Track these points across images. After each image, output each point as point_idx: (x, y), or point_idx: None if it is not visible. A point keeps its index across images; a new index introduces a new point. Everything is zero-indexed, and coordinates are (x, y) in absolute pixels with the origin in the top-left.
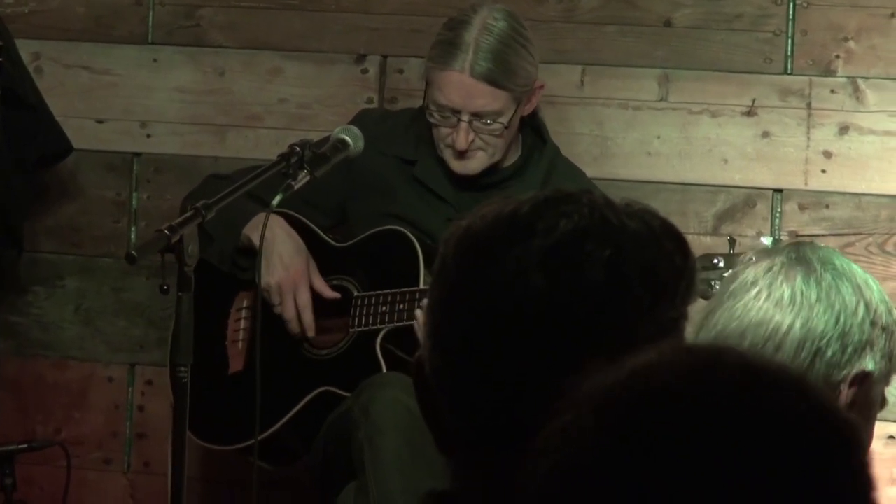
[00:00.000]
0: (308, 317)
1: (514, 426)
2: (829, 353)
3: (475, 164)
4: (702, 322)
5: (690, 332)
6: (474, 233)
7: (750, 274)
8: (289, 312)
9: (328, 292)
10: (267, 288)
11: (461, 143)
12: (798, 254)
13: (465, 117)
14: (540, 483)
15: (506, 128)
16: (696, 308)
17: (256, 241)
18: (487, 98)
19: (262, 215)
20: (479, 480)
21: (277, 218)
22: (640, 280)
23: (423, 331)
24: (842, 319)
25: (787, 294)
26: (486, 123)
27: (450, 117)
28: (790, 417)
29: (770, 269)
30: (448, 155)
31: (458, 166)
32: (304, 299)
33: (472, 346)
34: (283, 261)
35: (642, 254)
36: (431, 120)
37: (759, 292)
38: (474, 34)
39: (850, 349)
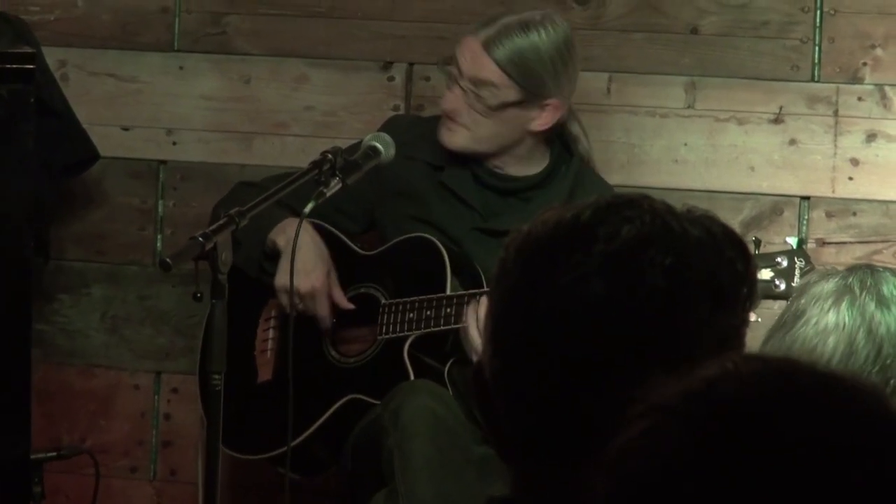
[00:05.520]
0: (325, 327)
1: (570, 435)
2: None
3: (455, 137)
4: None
5: None
6: (535, 238)
7: (801, 302)
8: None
9: (345, 304)
10: (285, 290)
11: (445, 102)
12: (847, 281)
13: (463, 82)
14: (623, 487)
15: (492, 109)
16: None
17: (281, 246)
18: (488, 71)
19: (288, 220)
20: (536, 488)
21: (306, 225)
22: (701, 287)
23: (482, 335)
24: (884, 350)
25: (831, 322)
26: (477, 96)
27: (454, 78)
28: (866, 421)
29: (818, 298)
30: (441, 126)
31: (443, 136)
32: (323, 310)
33: (530, 351)
34: (306, 267)
35: (704, 261)
36: (445, 77)
37: (806, 321)
38: (512, 22)
39: (892, 381)
